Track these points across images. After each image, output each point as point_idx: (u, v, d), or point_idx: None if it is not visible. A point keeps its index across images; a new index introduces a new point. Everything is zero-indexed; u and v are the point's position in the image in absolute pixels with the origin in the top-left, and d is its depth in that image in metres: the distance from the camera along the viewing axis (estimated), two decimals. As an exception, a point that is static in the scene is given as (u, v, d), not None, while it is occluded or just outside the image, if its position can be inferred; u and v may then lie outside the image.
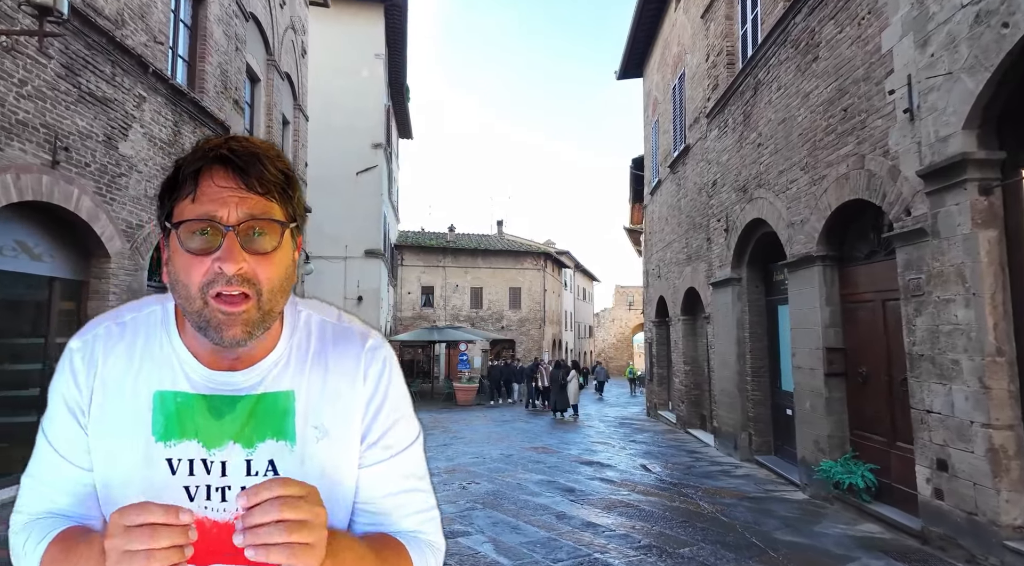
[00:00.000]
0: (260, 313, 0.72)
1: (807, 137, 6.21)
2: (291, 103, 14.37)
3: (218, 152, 0.71)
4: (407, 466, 0.83)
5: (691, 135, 10.91)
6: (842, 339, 5.96)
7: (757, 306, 8.53)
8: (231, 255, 0.69)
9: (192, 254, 0.70)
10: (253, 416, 0.77)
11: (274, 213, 0.72)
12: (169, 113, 7.80)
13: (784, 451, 7.98)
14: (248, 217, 0.70)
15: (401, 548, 0.79)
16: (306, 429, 0.78)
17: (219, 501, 0.74)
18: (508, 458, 8.70)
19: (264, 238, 0.71)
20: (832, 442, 5.88)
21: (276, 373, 0.79)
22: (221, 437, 0.76)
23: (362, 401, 0.81)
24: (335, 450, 0.78)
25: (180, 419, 0.75)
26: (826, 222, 5.87)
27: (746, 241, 8.44)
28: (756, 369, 8.44)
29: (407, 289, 29.68)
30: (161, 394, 0.76)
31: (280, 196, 0.73)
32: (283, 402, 0.78)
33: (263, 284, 0.71)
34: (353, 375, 0.81)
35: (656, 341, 14.88)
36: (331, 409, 0.79)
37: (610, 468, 8.10)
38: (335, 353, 0.82)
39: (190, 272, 0.70)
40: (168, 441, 0.75)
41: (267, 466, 0.76)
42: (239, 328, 0.71)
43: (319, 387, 0.80)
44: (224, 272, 0.69)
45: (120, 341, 0.79)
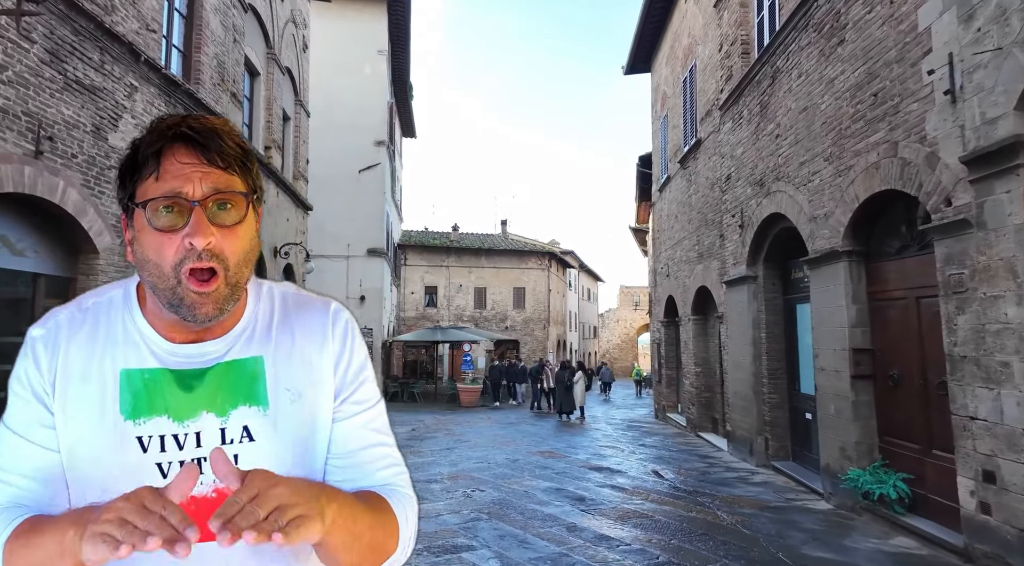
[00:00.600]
0: (228, 288, 0.73)
1: (831, 125, 5.87)
2: (292, 98, 14.09)
3: (178, 130, 0.72)
4: (377, 421, 0.86)
5: (703, 129, 10.56)
6: (870, 339, 5.61)
7: (774, 305, 8.18)
8: (200, 229, 0.70)
9: (160, 231, 0.70)
10: (224, 384, 0.77)
11: (236, 186, 0.74)
12: (163, 104, 7.51)
13: (803, 457, 7.62)
14: (213, 191, 0.71)
15: (383, 499, 0.80)
16: (278, 392, 0.79)
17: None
18: (514, 463, 8.38)
19: (229, 212, 0.73)
20: (860, 449, 5.53)
21: (243, 341, 0.80)
22: (193, 409, 0.76)
23: (331, 361, 0.83)
24: (308, 411, 0.80)
25: (149, 396, 0.76)
26: (853, 215, 5.52)
27: (763, 237, 8.10)
28: (773, 371, 8.09)
29: (410, 289, 29.44)
30: (128, 372, 0.76)
31: (240, 169, 0.75)
32: (252, 367, 0.79)
33: (229, 258, 0.73)
34: (321, 337, 0.84)
35: (665, 341, 14.53)
36: (302, 372, 0.81)
37: (621, 474, 7.76)
38: (300, 319, 0.84)
39: (161, 250, 0.70)
40: (137, 419, 0.75)
41: (241, 432, 0.77)
42: (211, 306, 0.72)
43: (287, 351, 0.81)
44: (195, 247, 0.70)
45: (83, 326, 0.79)
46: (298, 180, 14.19)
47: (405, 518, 0.81)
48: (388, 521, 0.78)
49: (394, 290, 25.69)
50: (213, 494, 0.72)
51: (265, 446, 0.77)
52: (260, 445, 0.77)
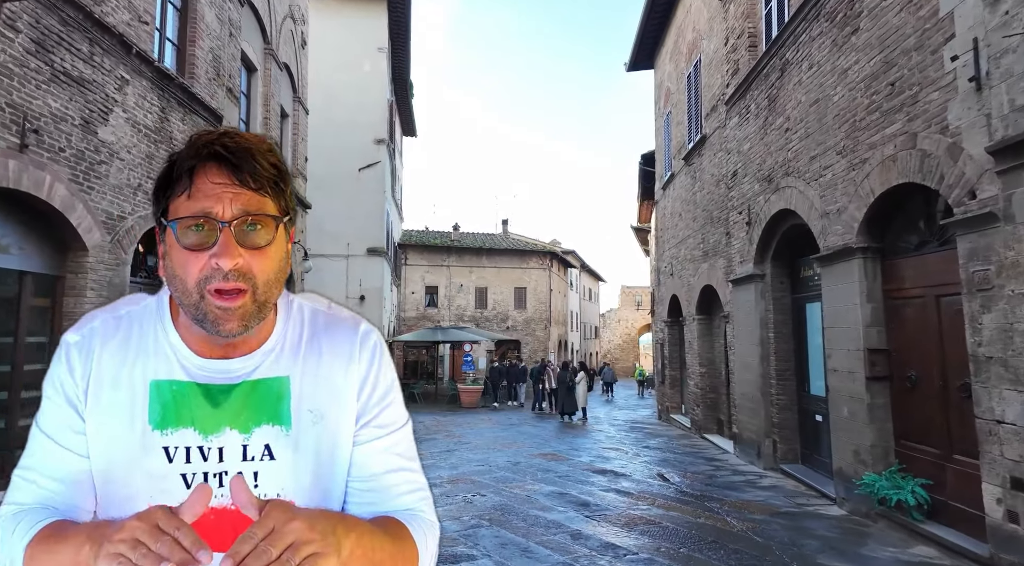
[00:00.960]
0: (256, 305, 0.74)
1: (845, 118, 5.66)
2: (290, 95, 13.91)
3: (212, 149, 0.72)
4: (401, 445, 0.85)
5: (708, 124, 10.36)
6: (885, 339, 5.41)
7: (782, 304, 7.97)
8: (227, 251, 0.70)
9: (188, 250, 0.71)
10: (249, 402, 0.78)
11: (267, 208, 0.74)
12: (155, 98, 7.32)
13: (813, 460, 7.42)
14: (243, 213, 0.72)
15: (402, 526, 0.79)
16: (301, 413, 0.80)
17: (217, 487, 0.75)
18: (516, 466, 8.18)
19: (258, 233, 0.73)
20: (875, 453, 5.33)
21: (271, 360, 0.81)
22: (217, 424, 0.77)
23: (356, 384, 0.83)
24: (330, 433, 0.80)
25: (176, 407, 0.77)
26: (868, 210, 5.32)
27: (771, 234, 7.89)
28: (781, 372, 7.89)
29: (411, 289, 29.25)
30: (157, 383, 0.78)
31: (273, 190, 0.75)
32: (278, 387, 0.80)
33: (258, 277, 0.73)
34: (347, 359, 0.84)
35: (668, 341, 14.32)
36: (326, 393, 0.81)
37: (625, 478, 7.56)
38: (328, 339, 0.84)
39: (187, 267, 0.71)
40: (164, 429, 0.76)
41: (263, 450, 0.77)
42: (235, 322, 0.72)
43: (313, 372, 0.82)
44: (220, 267, 0.70)
45: (116, 334, 0.80)
46: (296, 178, 14.00)
47: (425, 545, 0.80)
48: (407, 548, 0.77)
49: (394, 290, 25.51)
50: (233, 507, 0.73)
51: (285, 465, 0.78)
52: (280, 464, 0.78)
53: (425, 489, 0.86)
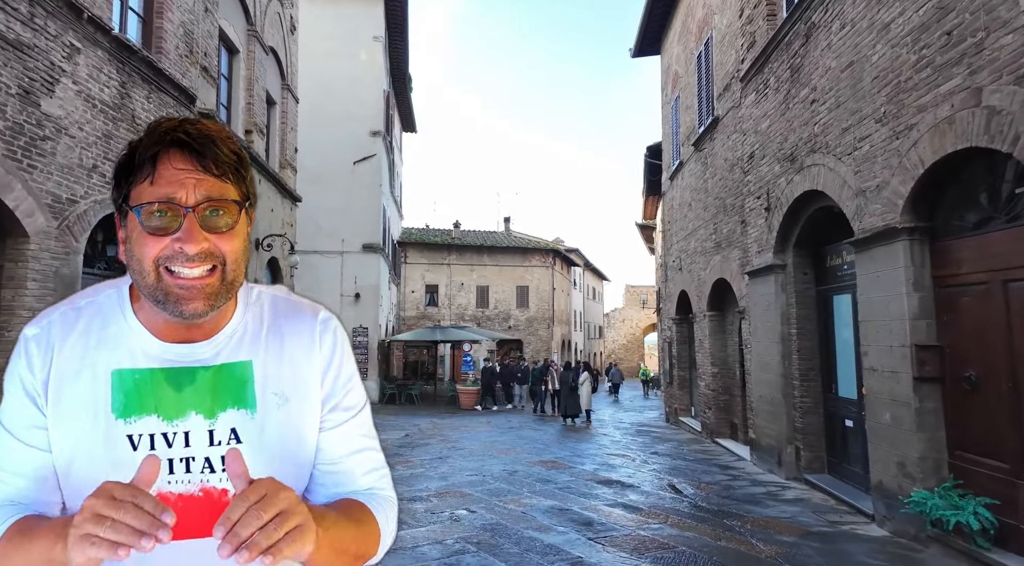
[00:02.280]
0: (224, 285, 0.74)
1: (886, 80, 4.93)
2: (278, 82, 13.24)
3: (174, 135, 0.73)
4: (363, 426, 0.88)
5: (720, 106, 9.62)
6: (936, 334, 4.67)
7: (806, 297, 7.23)
8: (191, 236, 0.71)
9: (151, 234, 0.71)
10: (213, 387, 0.78)
11: (229, 193, 0.75)
12: (114, 71, 6.65)
13: (842, 470, 6.68)
14: (206, 198, 0.72)
15: (365, 508, 0.82)
16: (266, 396, 0.80)
17: (183, 472, 0.75)
18: (512, 475, 7.46)
19: (221, 217, 0.74)
20: (924, 466, 4.59)
21: (233, 344, 0.81)
22: (182, 408, 0.77)
23: (319, 368, 0.84)
24: (295, 415, 0.81)
25: (139, 395, 0.76)
26: (916, 184, 4.58)
27: (793, 220, 7.16)
28: (805, 372, 7.15)
29: (411, 287, 28.63)
30: (119, 372, 0.77)
31: (234, 176, 0.76)
32: (241, 371, 0.80)
33: (227, 255, 0.74)
34: (309, 344, 0.84)
35: (677, 340, 13.57)
36: (290, 376, 0.82)
37: (633, 489, 6.83)
38: (289, 325, 0.85)
39: (145, 248, 0.72)
40: (128, 418, 0.76)
41: (229, 434, 0.78)
42: (201, 301, 0.73)
43: (276, 356, 0.82)
44: (185, 251, 0.71)
45: (75, 325, 0.80)
46: (285, 169, 13.34)
47: (385, 522, 0.84)
48: (371, 530, 0.81)
49: (393, 289, 24.86)
50: (200, 493, 0.74)
51: (252, 448, 0.77)
52: (247, 447, 0.77)
53: (384, 467, 0.90)
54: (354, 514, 0.79)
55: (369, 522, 0.80)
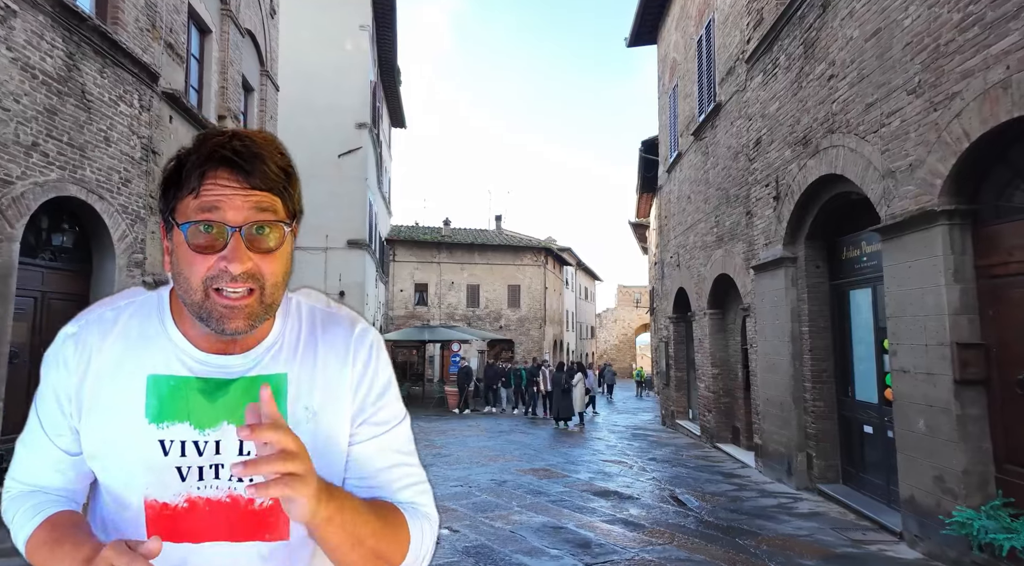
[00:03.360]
0: (262, 306, 0.75)
1: (921, 44, 4.38)
2: (257, 68, 12.56)
3: (222, 153, 0.72)
4: (399, 441, 0.86)
5: (723, 91, 9.08)
6: (979, 331, 4.13)
7: (819, 292, 6.69)
8: (237, 255, 0.71)
9: (197, 251, 0.72)
10: (247, 398, 0.78)
11: (276, 210, 0.74)
12: (58, 39, 5.98)
13: (859, 480, 6.14)
14: (252, 218, 0.72)
15: (398, 511, 0.81)
16: (296, 410, 0.80)
17: (212, 478, 0.77)
18: (500, 486, 6.85)
19: (267, 236, 0.73)
20: (968, 480, 4.04)
21: (270, 357, 0.81)
22: (214, 418, 0.78)
23: (351, 382, 0.83)
24: (324, 430, 0.81)
25: (173, 401, 0.77)
26: (959, 160, 4.04)
27: (805, 209, 6.61)
28: (817, 373, 6.61)
29: (399, 286, 27.96)
30: (155, 377, 0.78)
31: (281, 193, 0.75)
32: (276, 384, 0.79)
33: (267, 279, 0.74)
34: (343, 358, 0.84)
35: (674, 340, 13.03)
36: (321, 391, 0.82)
37: (632, 502, 6.25)
38: (325, 338, 0.85)
39: (193, 267, 0.72)
40: (161, 423, 0.77)
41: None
42: (242, 321, 0.73)
43: (310, 370, 0.82)
44: (230, 271, 0.71)
45: (114, 326, 0.81)
46: (264, 159, 12.65)
47: (420, 535, 0.81)
48: (399, 532, 0.79)
49: (381, 287, 24.19)
50: (227, 499, 0.77)
51: None
52: None
53: (424, 482, 0.88)
54: (382, 511, 0.78)
55: (398, 525, 0.79)
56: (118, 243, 6.96)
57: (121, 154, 7.01)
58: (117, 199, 6.94)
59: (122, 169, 7.04)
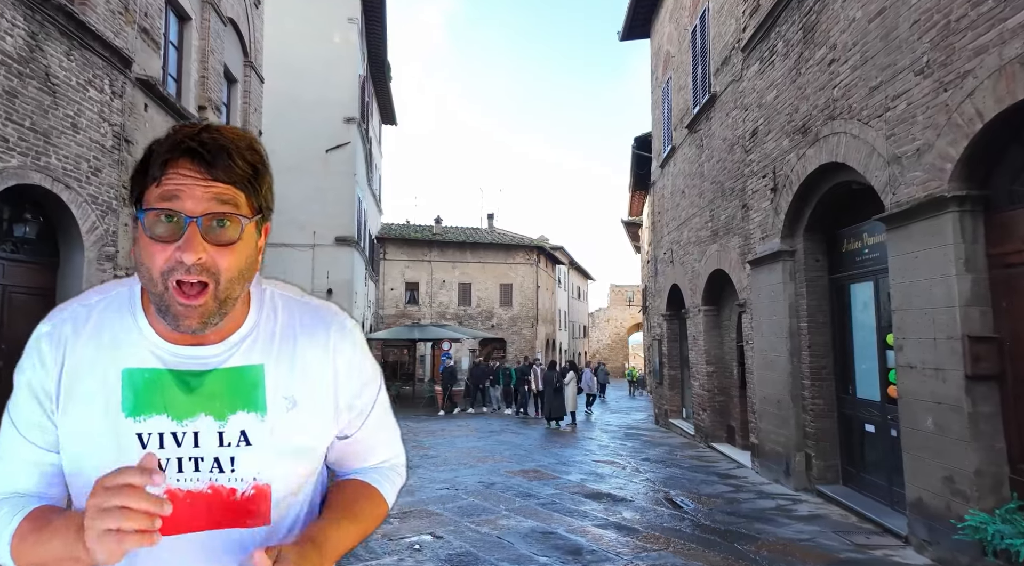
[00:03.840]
0: (217, 302, 0.73)
1: (930, 22, 4.16)
2: (240, 59, 12.21)
3: (188, 144, 0.72)
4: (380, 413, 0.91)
5: (718, 81, 8.86)
6: (992, 323, 3.90)
7: (817, 286, 6.47)
8: (191, 246, 0.70)
9: (155, 240, 0.71)
10: (223, 389, 0.78)
11: (238, 204, 0.73)
12: (19, 17, 5.64)
13: (861, 481, 5.92)
14: (211, 209, 0.71)
15: (374, 492, 0.90)
16: (276, 400, 0.80)
17: (192, 471, 0.77)
18: (488, 489, 6.58)
19: (226, 229, 0.73)
20: (980, 482, 3.81)
21: (245, 347, 0.81)
22: (191, 409, 0.77)
23: (332, 371, 0.84)
24: (304, 418, 0.81)
25: (149, 394, 0.77)
26: (971, 142, 3.81)
27: (804, 201, 6.39)
28: (816, 370, 6.39)
29: (390, 285, 27.66)
30: (129, 371, 0.78)
31: (247, 187, 0.74)
32: (253, 375, 0.80)
33: (222, 273, 0.73)
34: (323, 349, 0.84)
35: (667, 338, 12.81)
36: (301, 381, 0.82)
37: (625, 504, 6.00)
38: (303, 328, 0.84)
39: (153, 257, 0.72)
40: (138, 416, 0.76)
41: (239, 437, 0.78)
42: (195, 319, 0.73)
43: (288, 360, 0.82)
44: (184, 262, 0.70)
45: (87, 323, 0.80)
46: (247, 153, 12.30)
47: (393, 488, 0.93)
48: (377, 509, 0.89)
49: (371, 286, 23.85)
50: (208, 490, 0.76)
51: (261, 450, 0.79)
52: (256, 449, 0.79)
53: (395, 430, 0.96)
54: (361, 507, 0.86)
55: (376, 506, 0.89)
56: (87, 235, 6.63)
57: (90, 142, 6.67)
58: (86, 189, 6.60)
59: (91, 157, 6.70)
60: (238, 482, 0.76)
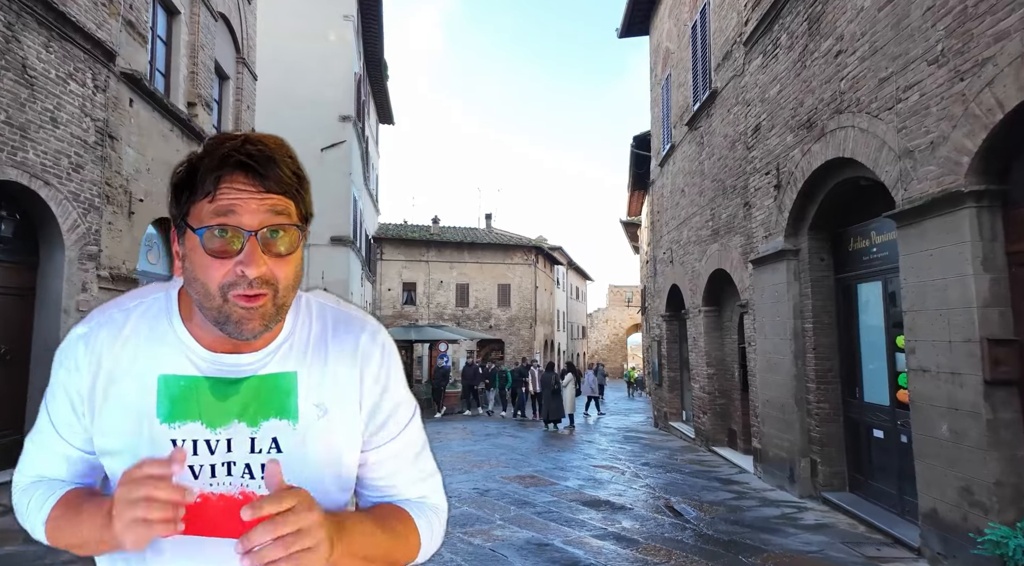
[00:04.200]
0: (275, 307, 0.75)
1: (945, 7, 3.95)
2: (232, 55, 11.99)
3: (236, 157, 0.72)
4: (410, 440, 0.88)
5: (719, 77, 8.66)
6: (1012, 325, 3.70)
7: (823, 286, 6.27)
8: (253, 259, 0.71)
9: (213, 256, 0.72)
10: (257, 396, 0.79)
11: (290, 213, 0.74)
12: (-6, 6, 5.42)
13: (869, 488, 5.71)
14: (268, 221, 0.72)
15: (406, 515, 0.85)
16: (308, 408, 0.80)
17: (224, 475, 0.78)
18: (483, 496, 6.37)
19: (281, 240, 0.74)
20: (1001, 493, 3.61)
21: (280, 355, 0.81)
22: (225, 416, 0.78)
23: (360, 381, 0.84)
24: (335, 427, 0.81)
25: (184, 401, 0.78)
26: (990, 134, 3.61)
27: (808, 198, 6.19)
28: (822, 373, 6.19)
29: (387, 285, 27.43)
30: (165, 378, 0.78)
31: (295, 196, 0.75)
32: (286, 383, 0.80)
33: (280, 282, 0.74)
34: (352, 358, 0.84)
35: (667, 339, 12.61)
36: (331, 389, 0.82)
37: (625, 513, 5.79)
38: (335, 337, 0.85)
39: (209, 272, 0.72)
40: (172, 423, 0.77)
41: (271, 443, 0.79)
42: (257, 322, 0.74)
43: (320, 368, 0.82)
44: (246, 275, 0.71)
45: (124, 327, 0.81)
46: (240, 151, 12.08)
47: (430, 532, 0.87)
48: (409, 538, 0.84)
49: (368, 286, 23.64)
50: (239, 495, 0.75)
51: (292, 457, 0.79)
52: (287, 456, 0.79)
53: (434, 473, 0.91)
54: (390, 523, 0.82)
55: (407, 531, 0.83)
56: (68, 234, 6.40)
57: (71, 137, 6.45)
58: (67, 186, 6.38)
59: (73, 153, 6.48)
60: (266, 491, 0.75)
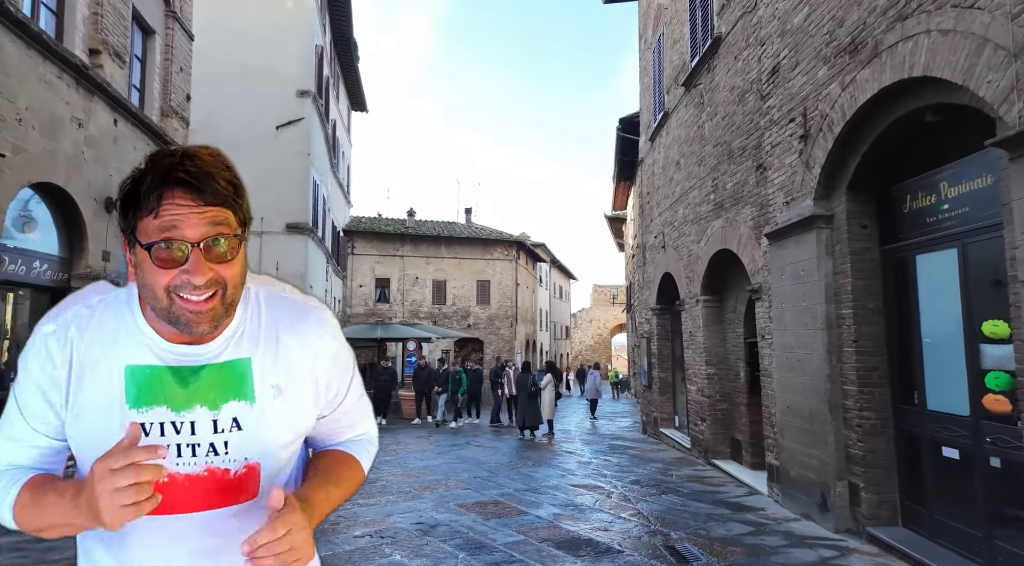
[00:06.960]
0: (224, 306, 0.83)
1: None
2: (159, 7, 10.34)
3: (175, 174, 0.79)
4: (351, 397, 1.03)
5: (723, 21, 7.28)
6: None
7: (866, 261, 4.89)
8: (198, 268, 0.79)
9: (161, 267, 0.79)
10: (216, 382, 0.88)
11: (229, 222, 0.82)
12: None
13: (931, 524, 4.32)
14: (208, 232, 0.80)
15: (352, 460, 1.03)
16: (263, 389, 0.90)
17: (190, 456, 0.87)
18: (426, 535, 4.84)
19: (223, 247, 0.81)
20: None
21: (234, 343, 0.90)
22: (188, 401, 0.87)
23: (310, 359, 0.94)
24: (289, 404, 0.92)
25: (150, 388, 0.86)
26: None
27: (848, 147, 4.80)
28: (865, 372, 4.80)
29: (359, 281, 25.79)
30: (131, 368, 0.86)
31: (233, 205, 0.83)
32: (241, 368, 0.90)
33: (228, 281, 0.83)
34: (302, 338, 0.94)
35: (657, 335, 11.20)
36: (285, 370, 0.92)
37: (612, 558, 4.32)
38: (284, 322, 0.95)
39: (157, 278, 0.80)
40: (140, 408, 0.85)
41: (231, 423, 0.88)
42: (207, 324, 0.83)
43: (272, 353, 0.92)
44: (193, 282, 0.79)
45: (90, 322, 0.88)
46: (169, 118, 10.44)
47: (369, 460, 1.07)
48: (356, 476, 1.02)
49: (337, 281, 21.98)
50: (204, 473, 0.86)
51: (251, 434, 0.89)
52: (247, 433, 0.89)
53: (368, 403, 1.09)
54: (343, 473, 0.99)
55: (354, 475, 1.02)
56: None
57: None
58: None
59: None
60: (231, 463, 0.86)
